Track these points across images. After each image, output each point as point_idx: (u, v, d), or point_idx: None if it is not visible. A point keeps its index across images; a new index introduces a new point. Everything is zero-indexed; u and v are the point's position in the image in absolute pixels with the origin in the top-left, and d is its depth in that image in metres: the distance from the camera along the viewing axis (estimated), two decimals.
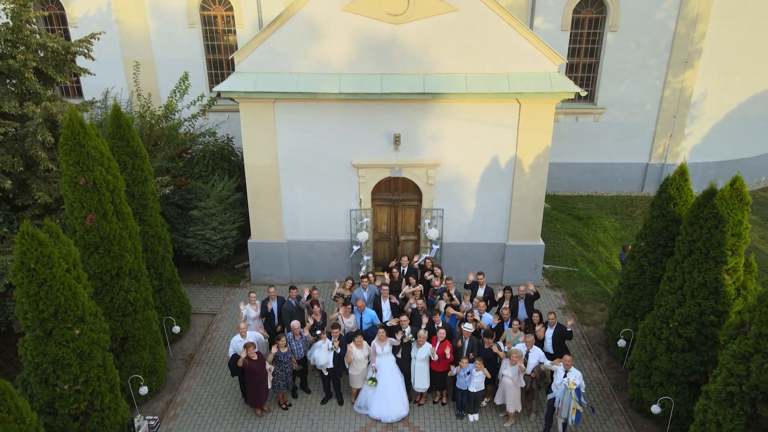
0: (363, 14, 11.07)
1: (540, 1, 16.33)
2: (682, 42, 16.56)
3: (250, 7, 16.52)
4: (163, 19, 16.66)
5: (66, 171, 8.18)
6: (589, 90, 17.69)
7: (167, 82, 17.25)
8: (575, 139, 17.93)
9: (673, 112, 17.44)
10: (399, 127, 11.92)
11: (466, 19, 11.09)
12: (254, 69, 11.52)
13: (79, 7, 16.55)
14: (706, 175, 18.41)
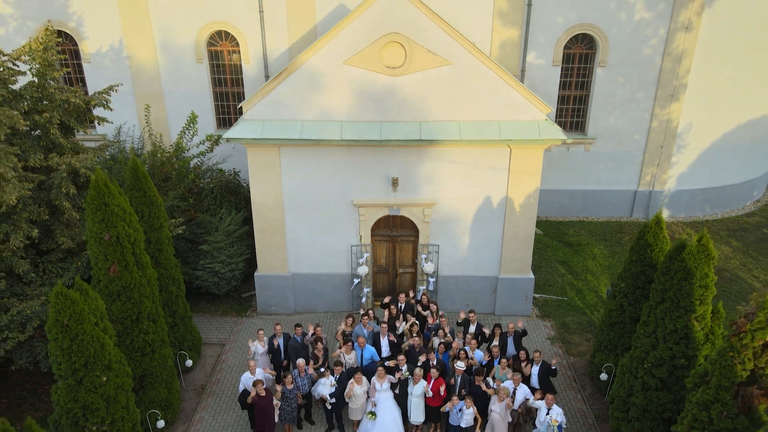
0: (363, 67, 11.85)
1: (532, 38, 17.08)
2: (668, 77, 17.33)
3: (255, 42, 17.27)
4: (172, 55, 17.42)
5: (92, 227, 8.96)
6: (580, 120, 18.47)
7: (176, 114, 18.06)
8: (567, 167, 18.69)
9: (660, 142, 18.20)
10: (397, 170, 12.69)
11: (459, 71, 11.86)
12: (261, 117, 12.30)
13: (93, 44, 17.31)
14: (692, 201, 19.19)
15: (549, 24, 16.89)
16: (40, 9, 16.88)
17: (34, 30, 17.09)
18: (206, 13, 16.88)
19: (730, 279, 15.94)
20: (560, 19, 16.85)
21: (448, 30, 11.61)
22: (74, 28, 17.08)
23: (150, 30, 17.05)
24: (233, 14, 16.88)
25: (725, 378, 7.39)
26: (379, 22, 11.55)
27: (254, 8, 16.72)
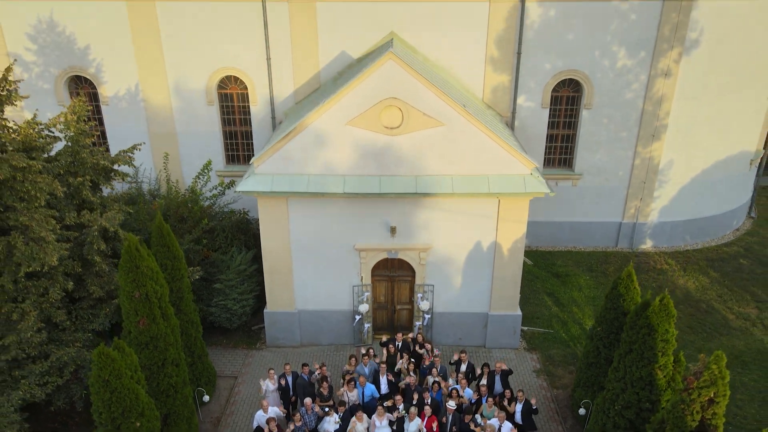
0: (364, 128, 13.03)
1: (522, 82, 18.25)
2: (649, 118, 18.51)
3: (262, 86, 18.43)
4: (184, 98, 18.58)
5: (124, 286, 10.13)
6: (568, 157, 19.63)
7: (188, 152, 19.25)
8: (556, 201, 19.78)
9: (643, 178, 19.38)
10: (395, 218, 13.87)
11: (452, 132, 13.04)
12: (270, 171, 13.47)
13: (110, 88, 18.47)
14: (674, 232, 20.36)
15: (537, 70, 18.06)
16: (62, 57, 18.05)
17: (55, 76, 18.27)
18: (217, 60, 18.04)
19: (706, 311, 17.11)
20: (548, 66, 18.02)
21: (441, 95, 12.77)
22: (93, 74, 18.24)
23: (164, 75, 18.22)
24: (242, 61, 18.05)
25: (677, 427, 8.56)
26: (379, 88, 12.71)
27: (262, 56, 17.88)
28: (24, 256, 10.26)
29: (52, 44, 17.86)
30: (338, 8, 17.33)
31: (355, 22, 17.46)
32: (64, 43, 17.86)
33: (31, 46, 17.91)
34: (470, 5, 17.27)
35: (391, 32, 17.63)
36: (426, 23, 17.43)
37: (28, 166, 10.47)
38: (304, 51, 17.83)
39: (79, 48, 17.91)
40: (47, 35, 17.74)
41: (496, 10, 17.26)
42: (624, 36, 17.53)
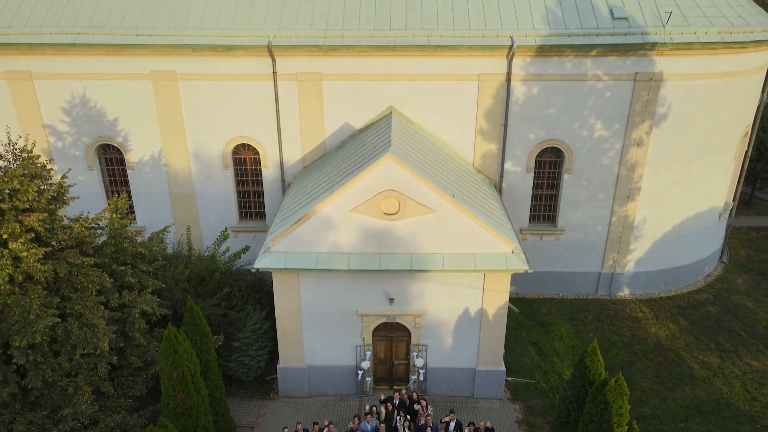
0: (366, 214, 14.94)
1: (509, 150, 20.14)
2: (624, 182, 20.42)
3: (273, 153, 20.35)
4: (202, 163, 20.50)
5: (164, 368, 12.05)
6: (551, 214, 21.53)
7: (205, 209, 21.19)
8: (541, 253, 21.67)
9: (620, 234, 21.28)
10: (393, 288, 15.79)
11: (442, 217, 14.94)
12: (284, 250, 15.37)
13: (136, 154, 20.38)
14: (648, 281, 22.26)
15: (522, 139, 19.98)
16: (92, 127, 19.99)
17: (86, 144, 20.19)
18: (233, 129, 19.98)
19: (673, 360, 19.00)
20: (532, 135, 19.94)
21: (432, 188, 14.68)
22: (121, 142, 20.17)
23: (185, 143, 20.16)
24: (255, 131, 19.98)
25: None
26: (379, 181, 14.62)
27: (273, 126, 19.81)
28: (79, 339, 12.18)
29: (84, 116, 19.78)
30: (342, 86, 19.26)
31: (357, 97, 19.39)
32: (94, 116, 19.78)
33: (65, 118, 19.84)
34: (461, 84, 19.19)
35: (390, 106, 19.57)
36: (421, 98, 19.36)
37: (83, 263, 12.39)
38: (311, 122, 19.76)
39: (108, 120, 19.83)
40: (80, 109, 19.66)
41: (485, 88, 19.18)
42: (600, 110, 19.44)
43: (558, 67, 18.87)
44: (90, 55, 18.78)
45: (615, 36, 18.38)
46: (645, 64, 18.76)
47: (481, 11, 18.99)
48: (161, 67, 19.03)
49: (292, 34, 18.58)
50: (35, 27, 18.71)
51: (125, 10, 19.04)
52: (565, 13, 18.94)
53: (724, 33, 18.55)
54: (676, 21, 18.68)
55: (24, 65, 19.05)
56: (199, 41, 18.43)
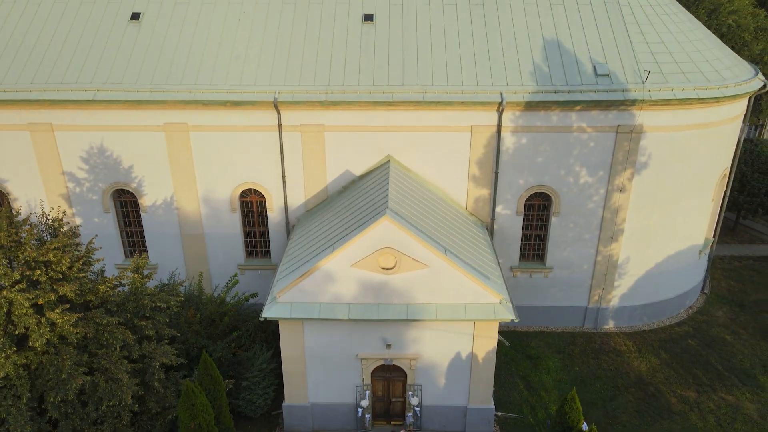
0: (365, 269, 16.24)
1: (500, 194, 21.44)
2: (608, 224, 21.71)
3: (278, 197, 21.66)
4: (212, 206, 21.80)
5: (183, 418, 13.37)
6: (540, 253, 22.82)
7: (214, 249, 22.50)
8: (531, 289, 23.00)
9: (604, 271, 22.57)
10: (390, 335, 17.10)
11: (435, 271, 16.24)
12: (289, 300, 16.68)
13: (149, 199, 21.69)
14: (632, 314, 23.56)
15: (512, 185, 21.27)
16: (109, 174, 21.30)
17: (103, 189, 21.49)
18: (240, 176, 21.29)
19: (652, 394, 20.30)
20: (521, 182, 21.23)
21: (425, 245, 15.97)
22: (135, 187, 21.49)
23: (195, 188, 21.47)
24: (261, 177, 21.29)
25: None
26: (377, 240, 15.91)
27: (278, 173, 21.13)
28: (105, 392, 13.49)
29: (100, 164, 21.10)
30: (343, 136, 20.58)
31: (357, 147, 20.71)
32: (111, 164, 21.10)
33: (83, 166, 21.16)
34: (455, 135, 20.50)
35: (388, 155, 20.88)
36: (418, 148, 20.68)
37: (109, 322, 13.70)
38: (313, 169, 21.07)
39: (123, 167, 21.15)
40: (97, 157, 20.98)
41: (477, 138, 20.49)
42: (585, 159, 20.74)
43: (545, 120, 20.17)
44: (108, 109, 20.09)
45: (598, 93, 19.67)
46: (626, 117, 20.05)
47: (473, 68, 20.29)
48: (174, 120, 20.34)
49: (296, 90, 19.90)
50: (57, 83, 20.03)
51: (140, 67, 20.35)
52: (552, 69, 20.24)
53: (700, 89, 19.84)
54: (655, 77, 19.97)
55: (46, 118, 20.37)
56: (209, 97, 19.74)
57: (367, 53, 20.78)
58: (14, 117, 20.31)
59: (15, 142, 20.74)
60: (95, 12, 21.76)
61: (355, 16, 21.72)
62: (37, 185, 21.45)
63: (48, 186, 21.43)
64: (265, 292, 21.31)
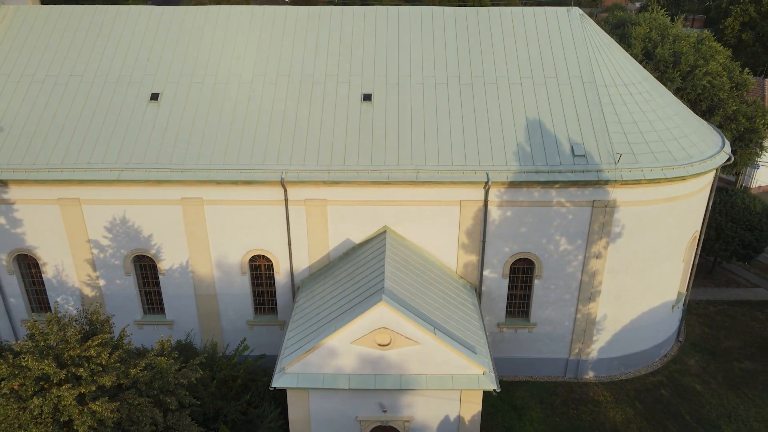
0: (363, 345, 18.28)
1: (487, 260, 23.47)
2: (586, 286, 23.75)
3: (284, 262, 23.70)
4: (224, 270, 23.85)
5: None
6: (524, 311, 24.86)
7: (225, 308, 24.54)
8: (516, 342, 25.04)
9: (584, 327, 24.61)
10: (386, 400, 19.13)
11: (425, 347, 18.28)
12: (296, 372, 18.71)
13: (167, 263, 23.74)
14: (610, 365, 25.58)
15: (498, 252, 23.31)
16: (130, 242, 23.35)
17: (124, 255, 23.55)
18: (250, 244, 23.34)
19: None
20: (507, 249, 23.27)
21: (416, 326, 18.00)
22: (154, 254, 23.54)
23: (209, 254, 23.51)
24: (269, 245, 23.33)
25: None
26: (374, 321, 17.94)
27: (284, 242, 23.18)
28: None
29: (122, 233, 23.15)
30: (344, 209, 22.63)
31: (357, 218, 22.76)
32: (132, 233, 23.15)
33: (107, 234, 23.22)
34: (445, 208, 22.55)
35: (385, 225, 22.94)
36: (412, 219, 22.73)
37: (140, 403, 15.75)
38: (317, 238, 23.11)
39: (143, 236, 23.21)
40: (119, 227, 23.03)
41: (465, 211, 22.54)
42: (564, 229, 22.78)
43: (527, 195, 22.21)
44: (130, 186, 22.14)
45: (575, 173, 21.70)
46: (601, 193, 22.09)
47: (462, 148, 22.35)
48: (190, 195, 22.40)
49: (301, 170, 21.95)
50: (84, 164, 22.09)
51: (160, 147, 22.42)
52: (534, 150, 22.29)
53: (667, 169, 21.89)
54: (627, 158, 22.02)
55: (74, 193, 22.42)
56: (222, 177, 21.80)
57: (365, 132, 22.84)
58: (45, 193, 22.37)
59: (45, 214, 22.79)
60: (118, 93, 23.84)
61: (355, 96, 23.79)
62: (64, 251, 23.49)
63: (75, 252, 23.48)
64: (271, 344, 23.59)
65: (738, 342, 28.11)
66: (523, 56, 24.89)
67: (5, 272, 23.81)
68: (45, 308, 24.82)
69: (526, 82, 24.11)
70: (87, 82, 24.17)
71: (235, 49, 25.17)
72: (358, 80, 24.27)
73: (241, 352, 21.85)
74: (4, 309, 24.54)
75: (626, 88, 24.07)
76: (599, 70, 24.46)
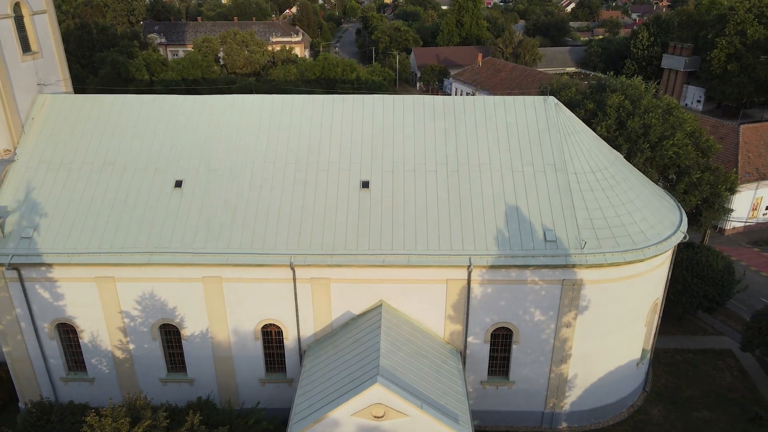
0: (361, 417, 21.52)
1: (471, 327, 26.67)
2: (558, 351, 27.00)
3: (292, 329, 26.97)
4: (239, 336, 27.11)
5: None
6: (505, 370, 28.09)
7: (240, 368, 27.80)
8: (497, 397, 28.27)
9: (557, 384, 27.87)
10: None
11: (414, 419, 21.50)
12: None
13: (189, 330, 27.00)
14: (582, 417, 28.86)
15: (480, 321, 26.57)
16: (156, 312, 26.63)
17: (152, 324, 26.83)
18: (262, 315, 26.61)
19: None
20: (488, 319, 26.53)
21: (406, 402, 21.24)
22: (178, 322, 26.83)
23: (226, 324, 26.79)
24: (279, 316, 26.61)
25: None
26: (370, 398, 21.18)
27: (292, 314, 26.46)
28: None
29: (150, 306, 26.43)
30: (345, 286, 25.89)
31: (356, 294, 26.02)
32: (158, 305, 26.43)
33: (137, 306, 26.50)
34: (434, 285, 25.81)
35: (381, 300, 26.20)
36: (405, 294, 25.99)
37: None
38: (321, 311, 26.39)
39: (169, 308, 26.49)
40: (148, 300, 26.32)
41: (451, 288, 25.79)
42: (538, 303, 26.03)
43: (505, 275, 25.46)
44: (158, 267, 25.41)
45: (546, 257, 24.96)
46: (569, 273, 25.34)
47: (448, 234, 25.61)
48: (210, 274, 25.67)
49: (307, 254, 25.21)
50: (118, 248, 25.37)
51: (183, 233, 25.69)
52: (510, 235, 25.55)
53: (626, 253, 25.15)
54: (591, 243, 25.29)
55: (109, 273, 25.70)
56: (238, 260, 25.07)
57: (364, 218, 26.11)
58: (84, 272, 25.65)
59: (84, 290, 26.06)
60: (146, 180, 27.14)
61: (355, 183, 27.07)
62: (99, 320, 26.77)
63: (108, 321, 26.76)
64: (280, 398, 26.93)
65: (698, 391, 31.34)
66: (503, 143, 28.16)
67: (47, 338, 27.10)
68: (81, 368, 28.11)
69: (505, 168, 27.39)
70: (119, 169, 27.45)
71: (248, 137, 28.44)
72: (357, 168, 27.54)
73: (258, 414, 25.08)
74: (45, 369, 27.81)
75: (593, 174, 27.33)
76: (570, 157, 27.73)
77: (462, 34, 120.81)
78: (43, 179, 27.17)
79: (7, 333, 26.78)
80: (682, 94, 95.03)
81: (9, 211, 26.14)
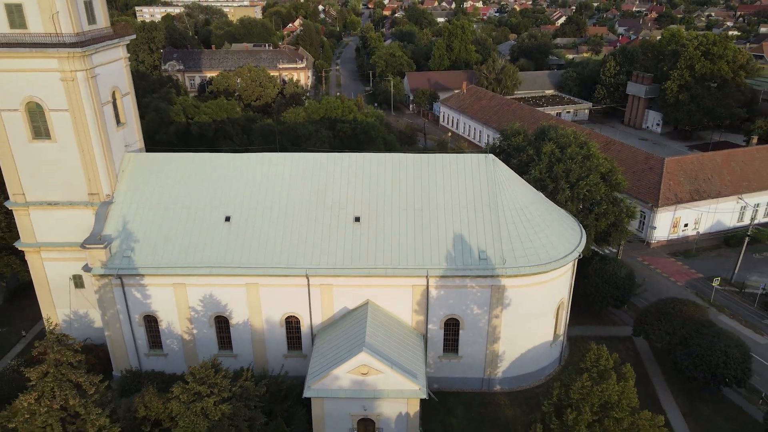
0: (352, 373, 33.40)
1: (430, 319, 38.63)
2: (491, 334, 38.91)
3: (307, 319, 38.98)
4: (269, 324, 39.01)
5: None
6: (456, 348, 40.03)
7: (270, 346, 39.78)
8: (450, 367, 40.06)
9: (491, 359, 39.76)
10: (367, 404, 34.31)
11: (388, 375, 33.44)
12: (317, 387, 33.89)
13: (235, 320, 38.95)
14: (512, 382, 40.77)
15: (437, 314, 38.53)
16: (213, 308, 38.63)
17: (210, 316, 38.83)
18: (285, 310, 38.59)
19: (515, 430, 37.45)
20: (442, 312, 38.48)
21: (382, 363, 33.13)
22: (228, 314, 38.81)
23: (261, 316, 38.82)
24: (297, 310, 38.61)
25: None
26: (358, 361, 33.09)
27: (307, 308, 38.44)
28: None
29: (209, 303, 38.41)
30: (343, 290, 37.90)
31: (350, 295, 38.03)
32: (214, 302, 38.43)
33: (199, 303, 38.50)
34: (403, 289, 37.76)
35: (368, 299, 38.19)
36: (384, 296, 37.97)
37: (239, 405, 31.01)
38: (326, 307, 38.41)
39: (222, 304, 38.51)
40: (208, 299, 38.32)
41: (415, 292, 37.79)
42: (475, 301, 38.00)
43: (453, 282, 37.43)
44: (215, 277, 37.42)
45: (479, 270, 36.92)
46: (496, 281, 37.29)
47: (414, 255, 37.56)
48: (250, 282, 37.66)
49: (317, 267, 37.21)
50: (188, 264, 37.38)
51: (232, 254, 37.67)
52: (456, 255, 37.52)
53: (534, 267, 37.13)
54: (510, 261, 37.27)
55: (181, 281, 37.71)
56: (271, 272, 37.07)
57: (356, 244, 38.07)
58: (165, 280, 37.66)
59: (164, 292, 38.05)
60: (206, 215, 39.12)
61: (350, 218, 39.05)
62: (174, 313, 38.76)
63: (180, 314, 38.75)
64: (298, 368, 38.84)
65: None
66: (454, 189, 40.12)
67: (137, 326, 39.11)
68: (158, 346, 40.07)
69: (454, 207, 39.31)
70: (186, 207, 39.43)
71: (275, 184, 40.43)
72: (352, 206, 39.51)
73: (283, 376, 37.04)
74: (134, 347, 39.80)
75: (517, 211, 39.29)
76: (501, 199, 39.68)
77: (452, 57, 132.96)
78: (134, 215, 39.19)
79: (109, 322, 38.81)
80: (644, 118, 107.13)
81: (113, 237, 38.16)
